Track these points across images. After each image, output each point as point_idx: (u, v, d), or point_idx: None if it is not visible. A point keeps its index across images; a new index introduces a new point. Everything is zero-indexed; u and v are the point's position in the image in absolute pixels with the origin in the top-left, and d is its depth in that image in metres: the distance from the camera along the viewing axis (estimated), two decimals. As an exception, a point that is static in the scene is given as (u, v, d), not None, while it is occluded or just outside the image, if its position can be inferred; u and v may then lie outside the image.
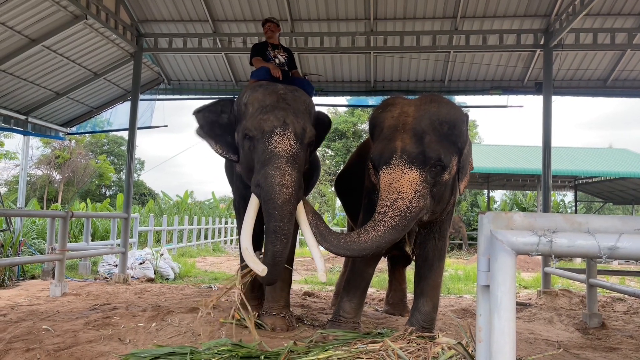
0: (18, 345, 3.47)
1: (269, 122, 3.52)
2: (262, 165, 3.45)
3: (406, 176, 3.26)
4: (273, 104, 3.65)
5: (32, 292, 6.19)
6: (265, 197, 3.38)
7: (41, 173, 26.17)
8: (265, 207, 3.39)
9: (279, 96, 3.73)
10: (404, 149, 3.32)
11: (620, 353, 4.12)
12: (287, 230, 3.34)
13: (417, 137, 3.37)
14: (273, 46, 4.97)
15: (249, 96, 3.80)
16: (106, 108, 10.33)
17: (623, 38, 7.67)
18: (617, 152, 20.41)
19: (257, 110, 3.65)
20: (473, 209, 22.74)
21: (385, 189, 3.30)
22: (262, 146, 3.49)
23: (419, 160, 3.30)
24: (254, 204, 3.52)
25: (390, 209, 3.22)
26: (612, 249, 1.44)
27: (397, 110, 3.61)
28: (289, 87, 3.97)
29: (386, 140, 3.46)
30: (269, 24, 5.05)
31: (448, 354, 2.70)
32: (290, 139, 3.48)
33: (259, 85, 3.92)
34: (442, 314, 5.39)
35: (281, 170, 3.36)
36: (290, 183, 3.35)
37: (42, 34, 7.28)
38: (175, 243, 13.72)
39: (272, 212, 3.33)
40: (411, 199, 3.23)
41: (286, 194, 3.32)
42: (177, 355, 2.97)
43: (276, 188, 3.31)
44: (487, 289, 1.54)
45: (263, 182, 3.39)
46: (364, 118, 28.91)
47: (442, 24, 8.02)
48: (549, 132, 7.50)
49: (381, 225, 3.21)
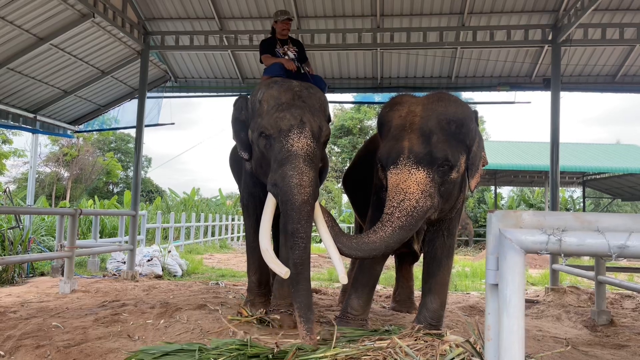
0: (28, 342, 3.50)
1: (285, 121, 3.46)
2: (279, 165, 3.40)
3: (413, 177, 3.28)
4: (289, 102, 3.60)
5: (42, 289, 6.24)
6: (283, 198, 3.33)
7: (49, 170, 26.36)
8: (284, 207, 3.35)
9: (295, 93, 3.68)
10: (411, 149, 3.34)
11: (629, 350, 4.10)
12: (305, 233, 3.30)
13: (425, 137, 3.37)
14: (282, 42, 4.87)
15: (264, 93, 3.74)
16: (114, 106, 10.37)
17: (632, 33, 7.60)
18: (625, 148, 20.26)
19: (272, 108, 3.60)
20: (480, 205, 22.66)
21: (392, 190, 3.32)
22: (279, 145, 3.44)
23: (426, 161, 3.31)
24: (271, 204, 3.48)
25: (398, 209, 3.24)
26: (622, 247, 1.43)
27: (404, 109, 3.61)
28: (303, 83, 3.91)
29: (394, 140, 3.47)
30: (288, 22, 4.88)
31: (456, 351, 2.70)
32: (307, 138, 3.43)
33: (273, 82, 3.85)
34: (450, 311, 5.38)
35: (299, 171, 3.31)
36: (308, 183, 3.31)
37: (50, 33, 7.31)
38: (182, 240, 13.78)
39: (290, 214, 3.30)
40: (418, 199, 3.25)
41: (304, 195, 3.28)
42: (185, 352, 2.99)
43: (294, 189, 3.26)
44: (496, 287, 1.53)
45: (281, 182, 3.35)
46: (370, 115, 28.88)
47: (449, 20, 7.99)
48: (556, 128, 7.45)
49: (389, 225, 3.24)
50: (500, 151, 17.94)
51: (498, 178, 18.96)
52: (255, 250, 4.18)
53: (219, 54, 9.12)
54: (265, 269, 4.42)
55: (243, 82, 9.59)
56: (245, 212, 4.54)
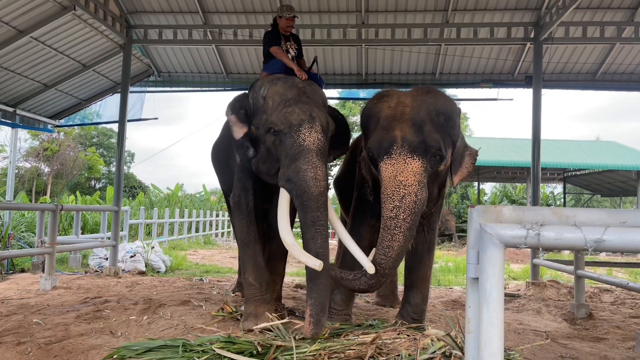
0: (9, 339, 3.46)
1: (295, 115, 3.44)
2: (291, 160, 3.38)
3: (409, 166, 3.22)
4: (295, 98, 3.58)
5: (22, 285, 6.16)
6: (298, 192, 3.31)
7: (29, 165, 25.88)
8: (300, 200, 3.31)
9: (300, 90, 3.67)
10: (404, 138, 3.28)
11: (607, 343, 4.20)
12: (324, 221, 3.28)
13: (417, 126, 3.33)
14: (285, 37, 4.73)
15: (268, 89, 3.70)
16: (95, 100, 10.24)
17: (612, 31, 7.73)
18: (605, 145, 20.61)
19: (279, 104, 3.57)
20: (464, 201, 22.88)
21: (390, 182, 3.24)
22: (290, 140, 3.41)
23: (421, 149, 3.26)
24: (286, 199, 3.45)
25: (401, 210, 3.17)
26: (598, 241, 1.47)
27: (393, 100, 3.59)
28: (305, 81, 3.93)
29: (384, 130, 3.41)
30: (294, 18, 4.72)
31: (437, 345, 2.74)
32: (318, 132, 3.42)
33: (276, 79, 3.83)
34: (433, 305, 5.44)
35: (313, 165, 3.30)
36: (323, 177, 3.32)
37: (30, 25, 7.19)
38: (166, 236, 13.68)
39: (307, 204, 3.27)
40: (417, 192, 3.20)
41: (320, 187, 3.28)
42: (169, 348, 2.98)
43: (310, 182, 3.26)
44: (477, 281, 1.56)
45: (295, 177, 3.32)
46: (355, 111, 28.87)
47: (434, 17, 8.03)
48: (538, 125, 7.56)
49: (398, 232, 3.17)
50: (483, 147, 17.90)
51: (481, 174, 19.16)
52: (250, 247, 4.06)
53: (203, 49, 9.04)
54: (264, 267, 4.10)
55: (227, 77, 9.53)
56: (237, 207, 4.21)
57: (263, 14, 8.09)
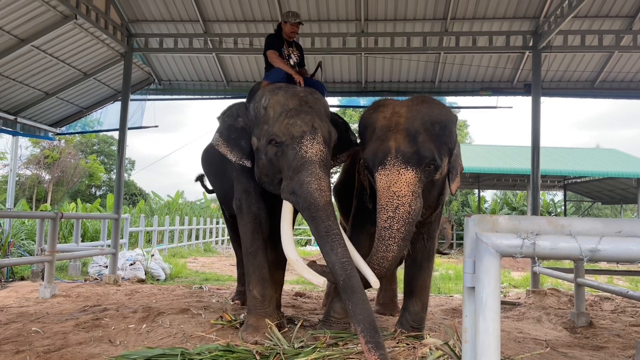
0: (7, 347, 3.45)
1: (297, 127, 3.42)
2: (295, 172, 3.36)
3: (403, 177, 3.24)
4: (297, 108, 3.55)
5: (22, 293, 6.15)
6: (304, 204, 3.28)
7: (30, 173, 25.88)
8: (308, 213, 3.27)
9: (301, 99, 3.63)
10: (398, 149, 3.30)
11: (607, 352, 4.18)
12: (337, 229, 3.23)
13: (411, 137, 3.35)
14: (288, 43, 4.71)
15: (269, 99, 3.67)
16: (96, 108, 10.29)
17: (611, 40, 7.76)
18: (605, 152, 20.61)
19: (281, 115, 3.54)
20: (464, 208, 22.85)
21: (384, 193, 3.27)
22: (292, 152, 3.39)
23: (414, 160, 3.28)
24: (290, 211, 3.43)
25: (395, 220, 3.20)
26: (593, 251, 1.47)
27: (388, 110, 3.60)
28: (306, 89, 3.88)
29: (379, 141, 3.43)
30: (299, 25, 4.68)
31: (435, 354, 2.74)
32: (320, 144, 3.40)
33: (277, 88, 3.79)
34: (432, 313, 5.43)
35: (316, 176, 3.29)
36: (327, 187, 3.31)
37: (31, 34, 7.23)
38: (166, 243, 13.67)
39: (316, 215, 3.22)
40: (410, 203, 3.23)
41: (326, 197, 3.27)
42: (168, 356, 2.98)
43: (315, 193, 3.24)
44: (473, 290, 1.56)
45: (299, 190, 3.30)
46: (355, 118, 28.93)
47: (433, 26, 8.08)
48: (537, 133, 7.58)
49: (392, 243, 3.22)
50: (483, 155, 18.13)
51: (481, 182, 19.15)
52: (256, 257, 3.95)
53: (203, 57, 9.09)
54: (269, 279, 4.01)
55: (228, 85, 9.57)
56: (239, 212, 4.13)
57: (263, 22, 8.14)
